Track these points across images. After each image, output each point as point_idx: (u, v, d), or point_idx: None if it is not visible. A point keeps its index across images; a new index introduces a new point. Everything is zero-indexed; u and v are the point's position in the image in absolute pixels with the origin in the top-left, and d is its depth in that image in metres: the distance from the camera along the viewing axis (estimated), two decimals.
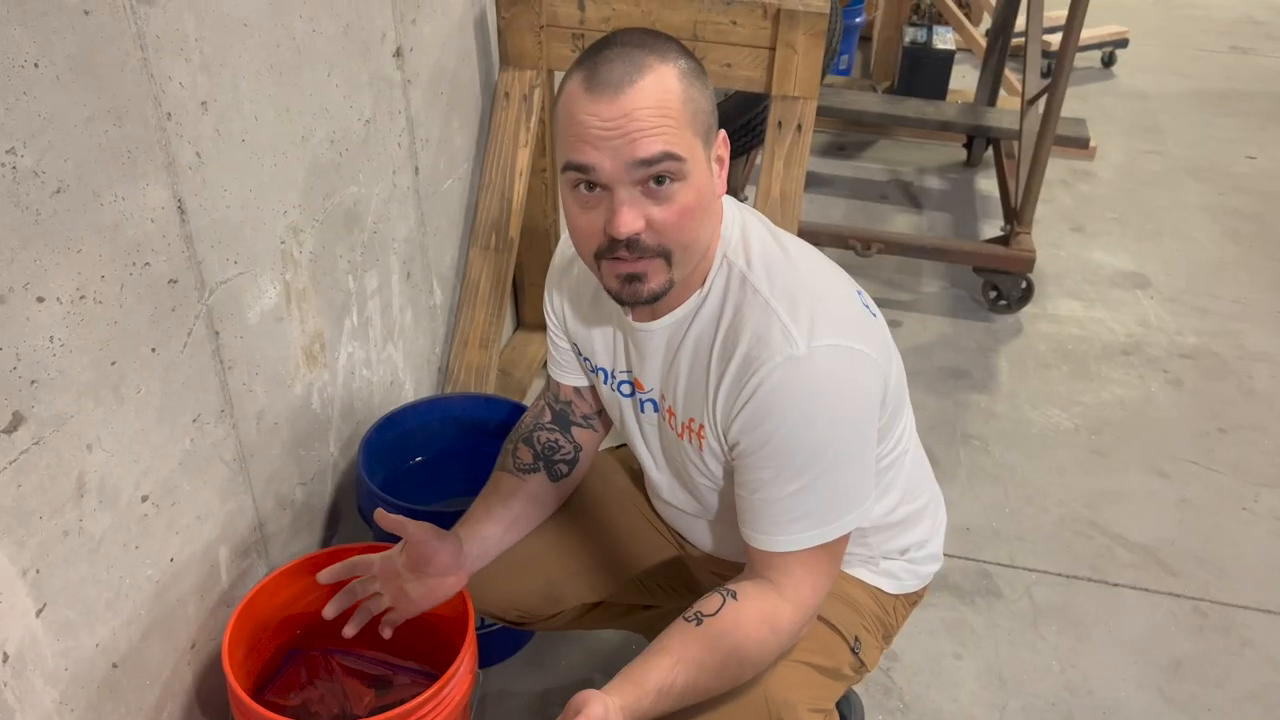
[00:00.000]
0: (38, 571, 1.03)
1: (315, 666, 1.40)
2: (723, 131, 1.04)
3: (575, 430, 1.33)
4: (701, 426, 1.10)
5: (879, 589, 1.25)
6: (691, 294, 1.08)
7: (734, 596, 1.05)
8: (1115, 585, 1.94)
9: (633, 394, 1.20)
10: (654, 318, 1.11)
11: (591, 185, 0.97)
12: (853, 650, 1.21)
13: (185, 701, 1.31)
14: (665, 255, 1.00)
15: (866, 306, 1.10)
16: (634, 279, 1.01)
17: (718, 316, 1.06)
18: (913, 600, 1.31)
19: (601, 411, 1.33)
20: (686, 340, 1.09)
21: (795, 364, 0.98)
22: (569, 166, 0.97)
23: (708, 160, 1.01)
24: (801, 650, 1.16)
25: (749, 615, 1.04)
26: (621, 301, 1.05)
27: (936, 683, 1.73)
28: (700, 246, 1.04)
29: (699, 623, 1.03)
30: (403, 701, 1.21)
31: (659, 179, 0.96)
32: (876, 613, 1.25)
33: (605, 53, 0.97)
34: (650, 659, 1.02)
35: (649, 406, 1.19)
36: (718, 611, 1.04)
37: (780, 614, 1.05)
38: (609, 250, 1.00)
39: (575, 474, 1.35)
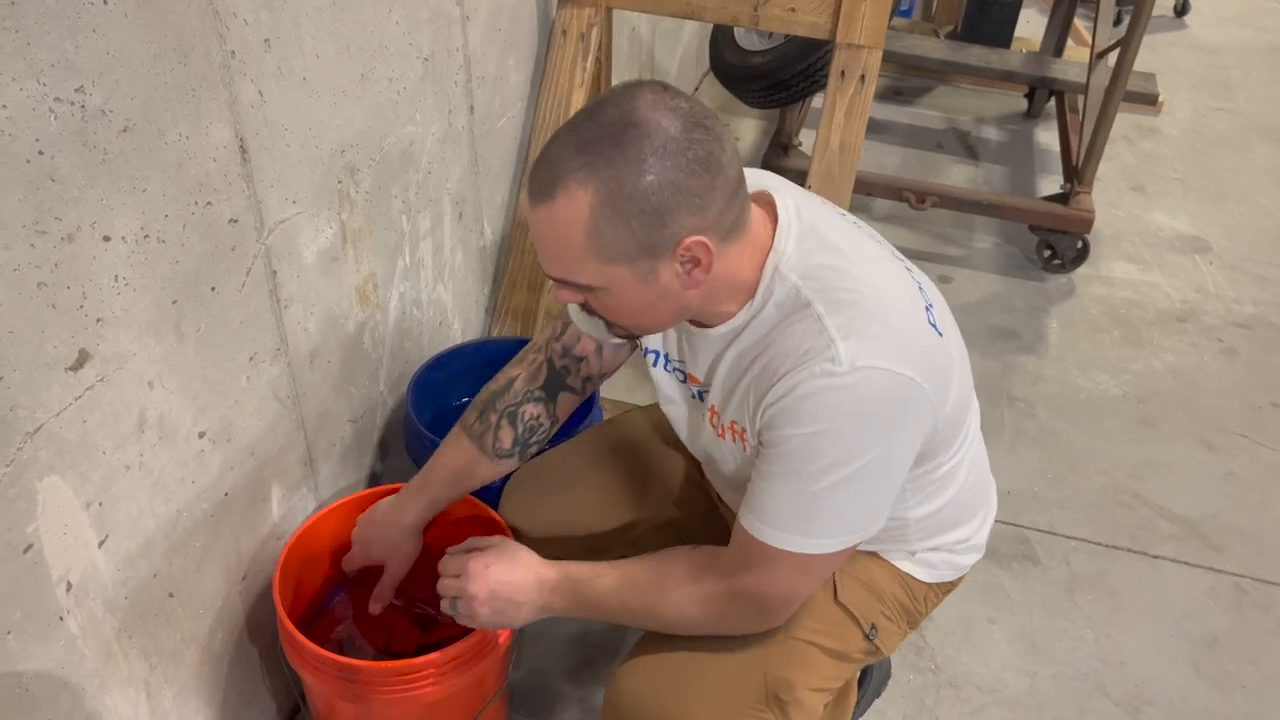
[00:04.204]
0: (100, 504, 1.05)
1: (362, 602, 1.43)
2: (696, 239, 0.93)
3: (562, 397, 1.27)
4: (744, 430, 1.07)
5: (911, 576, 1.22)
6: (741, 307, 1.03)
7: (693, 548, 1.11)
8: (1155, 557, 1.93)
9: (685, 381, 1.17)
10: (707, 325, 1.07)
11: None
12: (867, 637, 1.19)
13: (236, 630, 1.34)
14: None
15: (934, 325, 1.02)
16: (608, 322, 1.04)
17: (769, 329, 1.01)
18: (946, 589, 1.28)
19: (602, 375, 1.28)
20: (734, 347, 1.05)
21: (834, 378, 0.94)
22: None
23: (644, 274, 0.94)
24: (808, 630, 1.15)
25: (684, 557, 1.09)
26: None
27: (968, 646, 1.74)
28: (653, 326, 1.05)
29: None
30: (447, 641, 1.24)
31: None
32: (903, 601, 1.22)
33: (550, 146, 0.93)
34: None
35: (698, 398, 1.16)
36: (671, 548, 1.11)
37: (707, 575, 1.07)
38: None
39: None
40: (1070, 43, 3.52)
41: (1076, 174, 2.65)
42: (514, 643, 1.35)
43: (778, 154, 2.79)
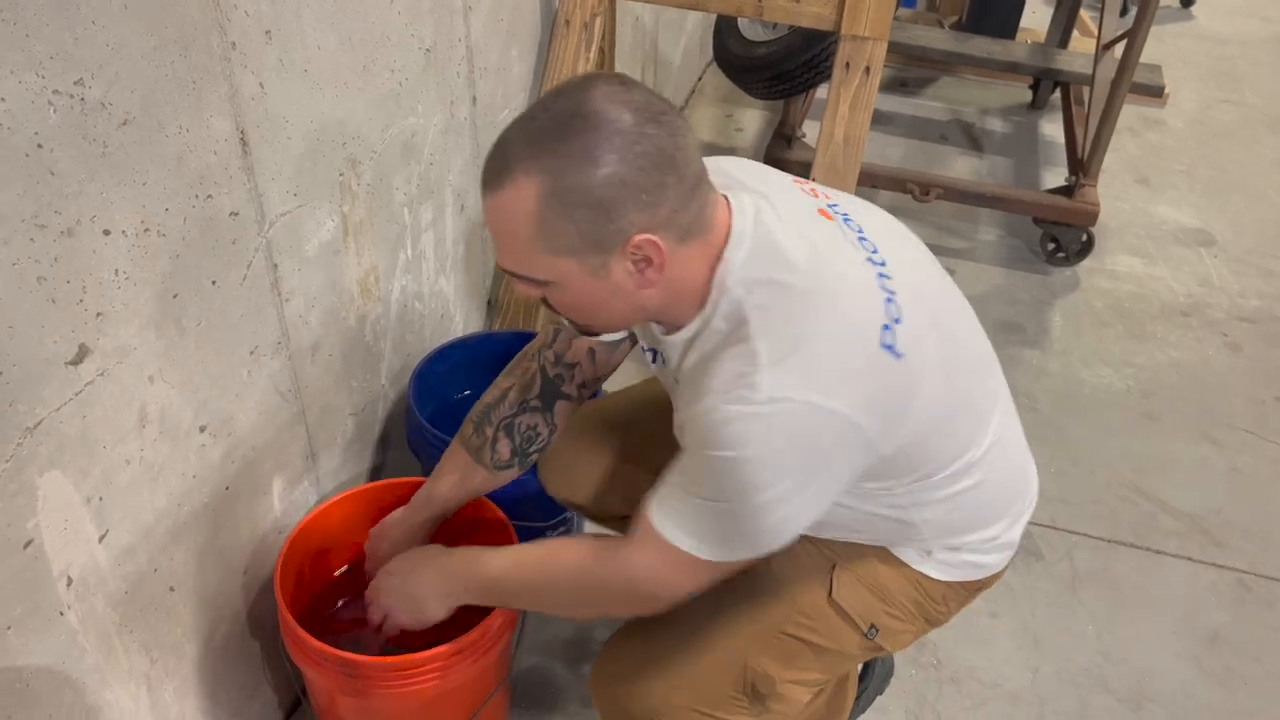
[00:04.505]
0: (100, 499, 1.04)
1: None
2: (645, 237, 0.90)
3: (558, 405, 1.25)
4: None
5: (924, 575, 1.16)
6: (694, 316, 1.00)
7: (595, 535, 1.13)
8: (1158, 553, 1.93)
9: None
10: (667, 332, 1.05)
11: None
12: (865, 635, 1.16)
13: (237, 624, 1.34)
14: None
15: (889, 347, 0.94)
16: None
17: (717, 344, 0.98)
18: (973, 587, 1.20)
19: (597, 380, 1.27)
20: (693, 353, 1.03)
21: (750, 406, 0.90)
22: None
23: (594, 269, 0.92)
24: (798, 626, 1.15)
25: (580, 540, 1.12)
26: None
27: (970, 641, 1.74)
28: (612, 324, 1.05)
29: None
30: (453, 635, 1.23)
31: None
32: (916, 600, 1.17)
33: (503, 135, 0.93)
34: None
35: None
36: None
37: (599, 556, 1.06)
38: None
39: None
40: (1076, 33, 3.50)
41: (1082, 167, 2.64)
42: (515, 636, 1.35)
43: (781, 145, 2.77)
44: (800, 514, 0.98)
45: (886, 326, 0.95)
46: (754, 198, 1.00)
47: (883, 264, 0.99)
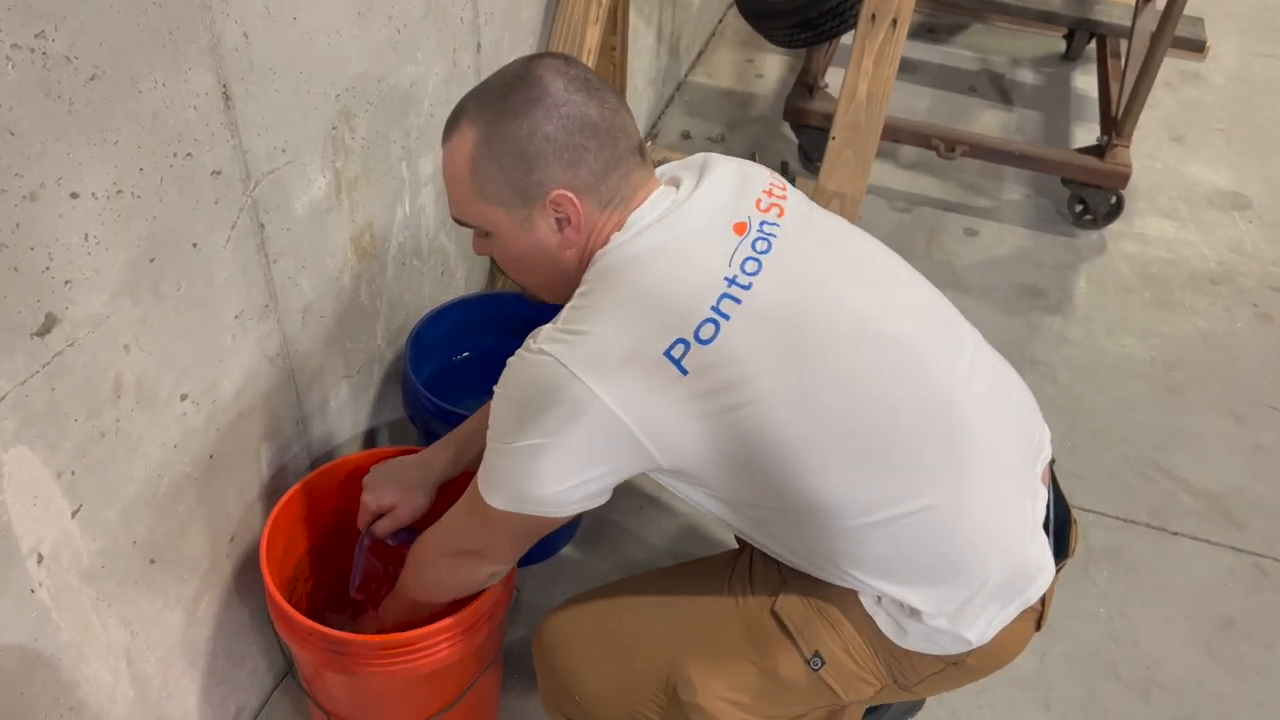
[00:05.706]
0: (73, 474, 1.00)
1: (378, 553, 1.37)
2: (563, 193, 0.99)
3: None
4: None
5: (875, 620, 1.07)
6: None
7: None
8: (1174, 534, 1.88)
9: None
10: None
11: None
12: (809, 664, 1.08)
13: (224, 593, 1.31)
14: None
15: (675, 360, 0.92)
16: None
17: None
18: (934, 664, 1.09)
19: None
20: None
21: (523, 351, 0.98)
22: None
23: (521, 221, 1.02)
24: (736, 631, 1.11)
25: None
26: None
27: None
28: (542, 285, 1.10)
29: None
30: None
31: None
32: (874, 644, 1.08)
33: (464, 95, 1.06)
34: None
35: None
36: None
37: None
38: None
39: None
40: None
41: (1115, 125, 2.53)
42: (509, 614, 1.32)
43: (802, 95, 2.67)
44: (548, 474, 0.96)
45: (682, 340, 0.93)
46: (681, 194, 1.02)
47: (746, 288, 0.96)
